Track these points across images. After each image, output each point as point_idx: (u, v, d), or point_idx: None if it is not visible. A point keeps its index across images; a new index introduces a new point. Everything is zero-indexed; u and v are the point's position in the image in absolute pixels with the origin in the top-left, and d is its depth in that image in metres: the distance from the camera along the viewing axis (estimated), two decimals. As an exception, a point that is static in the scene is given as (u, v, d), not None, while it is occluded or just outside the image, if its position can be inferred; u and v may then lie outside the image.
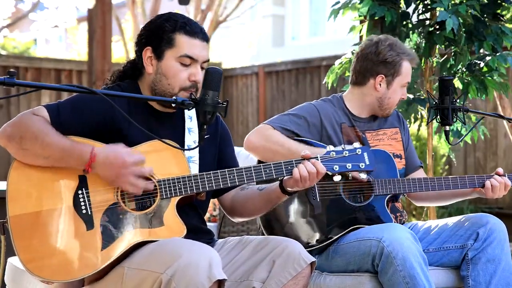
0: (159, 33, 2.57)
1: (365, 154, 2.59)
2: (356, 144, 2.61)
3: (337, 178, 2.59)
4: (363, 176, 2.62)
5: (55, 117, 2.49)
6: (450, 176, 3.20)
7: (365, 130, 3.29)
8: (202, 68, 2.60)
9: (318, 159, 2.55)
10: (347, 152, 2.58)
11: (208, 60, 2.62)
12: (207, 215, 5.35)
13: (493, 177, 3.17)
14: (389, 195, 3.18)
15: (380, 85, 3.24)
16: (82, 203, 2.44)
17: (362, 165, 2.58)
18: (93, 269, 2.40)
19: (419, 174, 3.42)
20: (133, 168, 2.41)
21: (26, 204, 2.43)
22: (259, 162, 3.16)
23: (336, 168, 2.57)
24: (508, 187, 3.19)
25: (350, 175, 2.62)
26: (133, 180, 2.42)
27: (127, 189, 2.43)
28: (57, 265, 2.39)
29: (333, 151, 2.58)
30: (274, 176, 2.55)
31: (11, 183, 2.44)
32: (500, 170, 3.21)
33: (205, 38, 2.61)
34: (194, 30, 2.58)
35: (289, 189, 2.59)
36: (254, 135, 3.16)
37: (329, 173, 2.57)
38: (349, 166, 2.57)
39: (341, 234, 3.09)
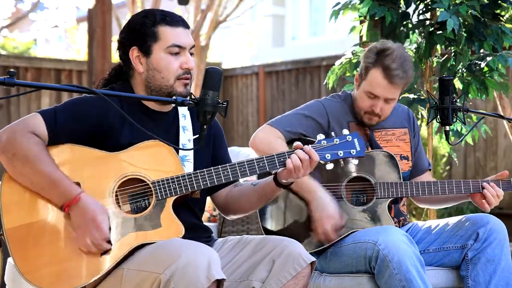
0: (141, 30, 2.57)
1: (356, 140, 2.58)
2: (346, 131, 2.60)
3: (329, 166, 2.59)
4: (355, 162, 2.60)
5: (52, 125, 2.47)
6: (454, 180, 3.17)
7: (374, 128, 3.26)
8: (191, 54, 2.61)
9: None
10: (337, 140, 2.57)
11: (194, 46, 2.63)
12: (207, 215, 5.35)
13: (491, 185, 3.13)
14: (391, 198, 3.17)
15: (356, 88, 3.24)
16: None
17: (353, 152, 2.58)
18: (93, 277, 2.39)
19: (426, 177, 3.39)
20: (99, 230, 2.38)
21: (21, 215, 2.42)
22: None
23: (328, 156, 2.56)
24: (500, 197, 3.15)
25: (341, 161, 2.62)
26: (93, 239, 2.38)
27: (85, 244, 2.39)
28: (56, 275, 2.39)
29: (324, 139, 2.58)
30: (268, 169, 2.54)
31: (4, 195, 2.43)
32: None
33: (186, 25, 2.62)
34: (175, 19, 2.59)
35: (283, 181, 2.59)
36: (260, 137, 3.15)
37: (322, 162, 2.56)
38: (340, 153, 2.57)
39: (341, 236, 3.08)
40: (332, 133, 2.61)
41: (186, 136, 2.65)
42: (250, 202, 2.70)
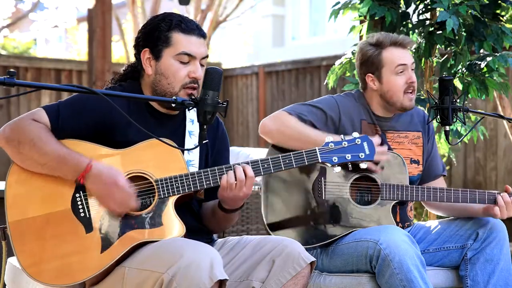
0: (155, 33, 2.57)
1: (365, 144, 2.55)
2: (356, 134, 2.57)
3: (337, 169, 2.56)
4: (363, 166, 2.59)
5: (55, 120, 2.49)
6: (460, 189, 3.10)
7: (387, 130, 3.24)
8: (201, 65, 2.60)
9: (249, 164, 2.51)
10: (346, 142, 2.54)
11: (207, 57, 2.62)
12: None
13: (502, 195, 3.06)
14: (396, 201, 3.15)
15: (374, 83, 3.23)
16: (80, 206, 2.45)
17: (361, 155, 2.55)
18: (93, 272, 2.40)
19: (439, 183, 3.33)
20: (122, 190, 2.41)
21: (25, 209, 2.43)
22: (273, 146, 3.14)
23: (335, 159, 2.54)
24: None
25: (350, 164, 2.59)
26: (121, 200, 2.41)
27: (114, 208, 2.42)
28: (57, 269, 2.40)
29: (331, 142, 2.55)
30: (272, 170, 2.51)
31: (9, 189, 2.45)
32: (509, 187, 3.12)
33: (201, 34, 2.60)
34: (190, 27, 2.58)
35: (225, 206, 2.57)
36: (270, 119, 3.13)
37: (329, 165, 2.54)
38: (348, 156, 2.54)
39: (342, 234, 3.08)
40: (342, 136, 2.58)
41: (192, 141, 2.65)
42: (210, 222, 2.69)
